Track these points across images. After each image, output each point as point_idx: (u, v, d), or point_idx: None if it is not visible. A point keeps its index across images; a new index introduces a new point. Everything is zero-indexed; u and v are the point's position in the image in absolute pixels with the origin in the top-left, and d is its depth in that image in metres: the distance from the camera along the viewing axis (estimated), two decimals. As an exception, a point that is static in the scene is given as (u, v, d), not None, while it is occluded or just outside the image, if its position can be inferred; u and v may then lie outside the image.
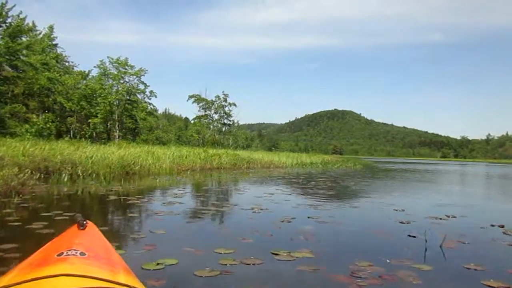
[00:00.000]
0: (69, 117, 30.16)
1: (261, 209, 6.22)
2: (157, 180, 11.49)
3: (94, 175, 12.69)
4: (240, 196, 8.27)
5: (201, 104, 53.91)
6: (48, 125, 23.83)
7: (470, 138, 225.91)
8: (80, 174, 10.14)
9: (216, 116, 55.17)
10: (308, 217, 5.57)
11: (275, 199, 7.78)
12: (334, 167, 27.40)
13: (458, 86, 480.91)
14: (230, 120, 55.57)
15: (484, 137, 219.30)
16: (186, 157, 19.80)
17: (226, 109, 54.63)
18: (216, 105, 54.44)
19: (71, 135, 30.63)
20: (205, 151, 23.33)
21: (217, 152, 24.03)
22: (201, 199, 7.54)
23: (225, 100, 54.29)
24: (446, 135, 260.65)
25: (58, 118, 29.81)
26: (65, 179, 9.78)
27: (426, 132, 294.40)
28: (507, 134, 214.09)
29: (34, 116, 24.06)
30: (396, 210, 6.57)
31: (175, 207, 6.23)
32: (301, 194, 9.15)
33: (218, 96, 53.81)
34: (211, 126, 55.37)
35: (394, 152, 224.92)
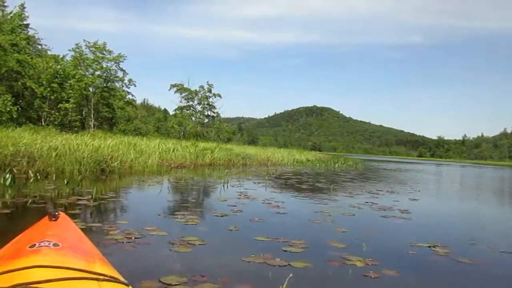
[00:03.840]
0: (37, 100, 26.42)
1: (370, 265, 3.20)
2: (146, 184, 8.31)
3: (57, 173, 9.43)
4: (288, 221, 5.19)
5: (183, 94, 50.54)
6: (8, 109, 20.11)
7: (445, 138, 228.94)
8: (32, 174, 6.81)
9: (199, 107, 51.91)
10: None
11: (352, 227, 4.76)
12: (335, 166, 24.60)
13: (434, 87, 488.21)
14: (214, 112, 52.39)
15: (460, 138, 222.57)
16: (173, 151, 16.60)
17: (210, 100, 51.43)
18: (200, 95, 51.12)
19: (42, 123, 27.11)
20: (194, 145, 20.11)
21: (208, 146, 20.85)
22: (231, 228, 4.42)
23: (210, 91, 51.04)
24: (421, 135, 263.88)
25: (21, 103, 26.21)
26: (8, 181, 6.48)
27: (402, 131, 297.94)
28: (482, 135, 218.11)
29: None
30: None
31: (196, 255, 3.18)
32: (370, 214, 6.16)
33: (202, 86, 50.49)
34: (193, 118, 52.05)
35: (372, 150, 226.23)
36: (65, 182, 6.60)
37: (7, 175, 6.65)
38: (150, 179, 9.66)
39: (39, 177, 7.30)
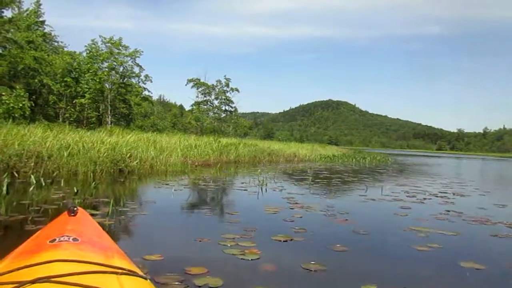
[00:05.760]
0: (51, 96, 25.56)
1: None
2: (172, 188, 6.95)
3: (68, 175, 8.19)
4: (381, 249, 3.72)
5: (200, 89, 49.32)
6: (20, 105, 19.05)
7: (465, 131, 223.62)
8: (35, 180, 5.41)
9: (216, 102, 50.63)
10: None
11: (479, 258, 3.28)
12: (365, 161, 22.95)
13: (453, 79, 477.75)
14: (232, 107, 51.06)
15: (480, 131, 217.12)
16: (195, 147, 15.29)
17: (228, 94, 50.11)
18: (217, 90, 49.83)
19: (60, 120, 26.36)
20: (217, 140, 18.76)
21: (231, 142, 19.49)
22: (312, 267, 2.98)
23: (227, 85, 49.70)
24: (439, 128, 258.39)
25: (38, 100, 25.46)
26: (4, 189, 5.16)
27: (420, 124, 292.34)
28: (504, 127, 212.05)
29: (3, 94, 19.24)
30: None
31: None
32: (474, 231, 4.65)
33: (219, 81, 49.17)
34: (211, 113, 50.84)
35: (389, 144, 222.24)
36: (75, 191, 5.27)
37: (5, 180, 5.34)
38: (175, 181, 8.31)
39: (43, 183, 5.95)
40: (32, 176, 5.49)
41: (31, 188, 5.19)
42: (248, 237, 3.69)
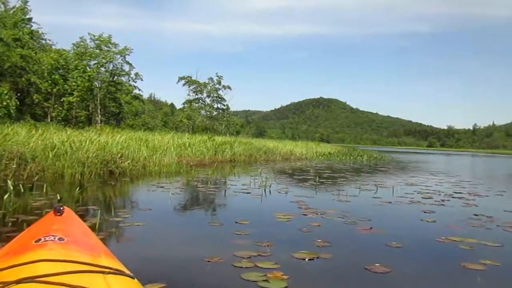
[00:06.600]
0: (36, 95, 24.67)
1: None
2: (168, 192, 6.28)
3: (54, 178, 7.52)
4: (428, 267, 3.14)
5: (192, 87, 48.55)
6: (5, 103, 18.21)
7: (455, 128, 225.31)
8: (11, 186, 4.63)
9: (208, 100, 49.89)
10: None
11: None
12: (363, 159, 22.46)
13: (442, 76, 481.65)
14: (224, 105, 50.33)
15: (470, 127, 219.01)
16: (189, 146, 14.64)
17: (220, 92, 49.40)
18: (209, 88, 49.07)
19: (48, 119, 25.53)
20: (211, 139, 18.11)
21: (226, 140, 18.84)
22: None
23: (219, 83, 48.99)
24: (429, 125, 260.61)
25: (26, 100, 24.60)
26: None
27: (410, 121, 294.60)
28: (493, 124, 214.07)
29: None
30: None
31: None
32: None
33: (211, 78, 48.44)
34: (203, 111, 50.09)
35: (380, 141, 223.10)
36: (58, 198, 4.61)
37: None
38: (170, 183, 7.67)
39: (22, 189, 5.24)
40: (9, 181, 4.81)
41: (6, 196, 4.50)
42: (265, 254, 3.08)
